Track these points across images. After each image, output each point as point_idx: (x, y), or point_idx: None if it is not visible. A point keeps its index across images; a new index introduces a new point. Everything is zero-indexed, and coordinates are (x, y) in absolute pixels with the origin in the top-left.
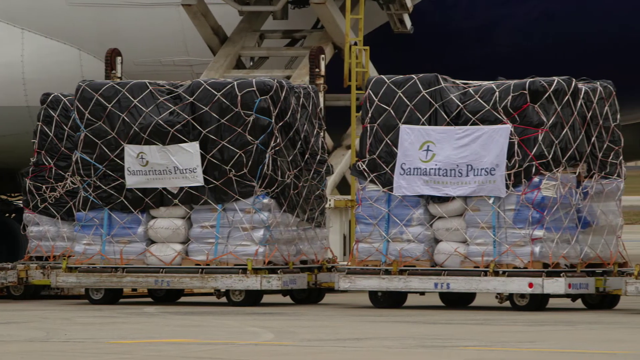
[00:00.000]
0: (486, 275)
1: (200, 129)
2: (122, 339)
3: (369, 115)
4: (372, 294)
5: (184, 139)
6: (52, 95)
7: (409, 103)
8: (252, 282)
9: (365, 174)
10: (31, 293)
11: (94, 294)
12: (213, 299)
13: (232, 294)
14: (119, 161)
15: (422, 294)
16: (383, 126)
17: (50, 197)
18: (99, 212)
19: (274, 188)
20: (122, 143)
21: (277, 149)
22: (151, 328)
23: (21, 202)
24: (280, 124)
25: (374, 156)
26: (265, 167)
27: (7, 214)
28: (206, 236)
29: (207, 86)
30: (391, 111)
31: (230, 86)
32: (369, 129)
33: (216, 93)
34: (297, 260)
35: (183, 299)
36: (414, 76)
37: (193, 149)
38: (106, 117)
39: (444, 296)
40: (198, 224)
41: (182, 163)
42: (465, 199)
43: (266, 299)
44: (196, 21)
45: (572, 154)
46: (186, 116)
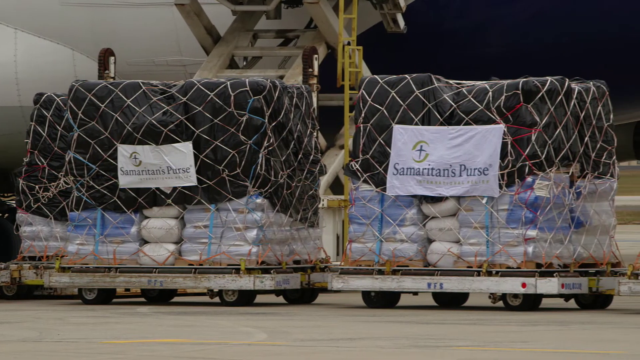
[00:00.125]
0: (479, 275)
1: (193, 128)
2: (115, 339)
3: (362, 115)
4: (365, 294)
5: (177, 139)
6: (45, 95)
7: (402, 103)
8: (245, 282)
9: (359, 173)
10: (24, 293)
11: (87, 294)
12: (206, 299)
13: (225, 294)
14: (112, 161)
15: (415, 294)
16: (376, 126)
17: (43, 197)
18: (92, 212)
19: (267, 188)
20: (115, 143)
21: (270, 149)
22: (144, 328)
23: (14, 202)
24: (273, 124)
25: (367, 156)
26: (259, 167)
27: (0, 214)
28: (199, 236)
29: (200, 86)
30: (384, 111)
31: (223, 86)
32: (362, 128)
33: (209, 93)
34: (290, 260)
35: (176, 299)
36: (407, 76)
37: (186, 149)
38: (99, 117)
39: (437, 296)
40: (191, 224)
41: (175, 163)
42: (458, 199)
43: (259, 299)
44: (189, 21)
45: (565, 154)
46: (179, 116)
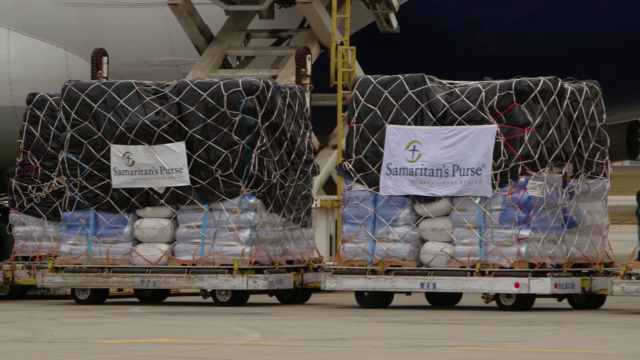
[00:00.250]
0: (472, 275)
1: (186, 129)
2: (109, 339)
3: (355, 115)
4: (359, 294)
5: (170, 139)
6: (38, 95)
7: (395, 103)
8: (239, 282)
9: (352, 173)
10: (17, 293)
11: (80, 294)
12: (199, 299)
13: (219, 294)
14: (105, 161)
15: (408, 294)
16: (369, 126)
17: (36, 197)
18: (85, 212)
19: (260, 188)
20: (108, 143)
21: (263, 149)
22: (137, 328)
23: (7, 202)
24: (266, 124)
25: (360, 156)
26: (252, 167)
27: None
28: (192, 236)
29: (193, 86)
30: (377, 111)
31: (216, 86)
32: (355, 128)
33: (202, 93)
34: (283, 260)
35: (169, 299)
36: (400, 76)
37: (179, 149)
38: (92, 117)
39: (430, 296)
40: (184, 224)
41: (168, 163)
42: (451, 199)
43: (252, 299)
44: (182, 21)
45: (558, 154)
46: (172, 116)
